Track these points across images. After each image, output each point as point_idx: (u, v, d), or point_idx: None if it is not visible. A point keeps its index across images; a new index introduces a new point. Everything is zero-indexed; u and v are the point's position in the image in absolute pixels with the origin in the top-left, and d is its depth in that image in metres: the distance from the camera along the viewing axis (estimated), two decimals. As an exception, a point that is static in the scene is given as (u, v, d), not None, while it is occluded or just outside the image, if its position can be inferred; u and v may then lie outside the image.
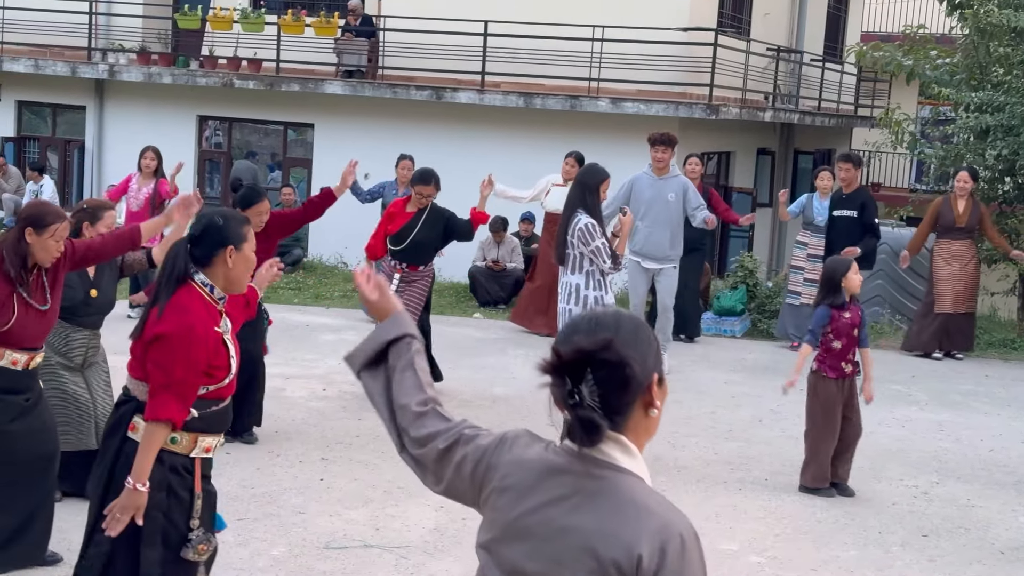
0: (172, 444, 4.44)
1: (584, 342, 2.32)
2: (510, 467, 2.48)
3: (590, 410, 2.30)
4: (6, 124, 20.97)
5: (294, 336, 12.19)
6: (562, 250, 8.46)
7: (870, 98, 24.74)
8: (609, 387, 2.32)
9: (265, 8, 19.65)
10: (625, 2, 17.30)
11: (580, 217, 8.32)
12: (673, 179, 11.20)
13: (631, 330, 2.40)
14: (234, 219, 4.61)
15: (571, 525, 2.34)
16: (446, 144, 17.79)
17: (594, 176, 8.47)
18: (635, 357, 2.34)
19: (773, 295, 14.02)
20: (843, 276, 7.70)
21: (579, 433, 2.32)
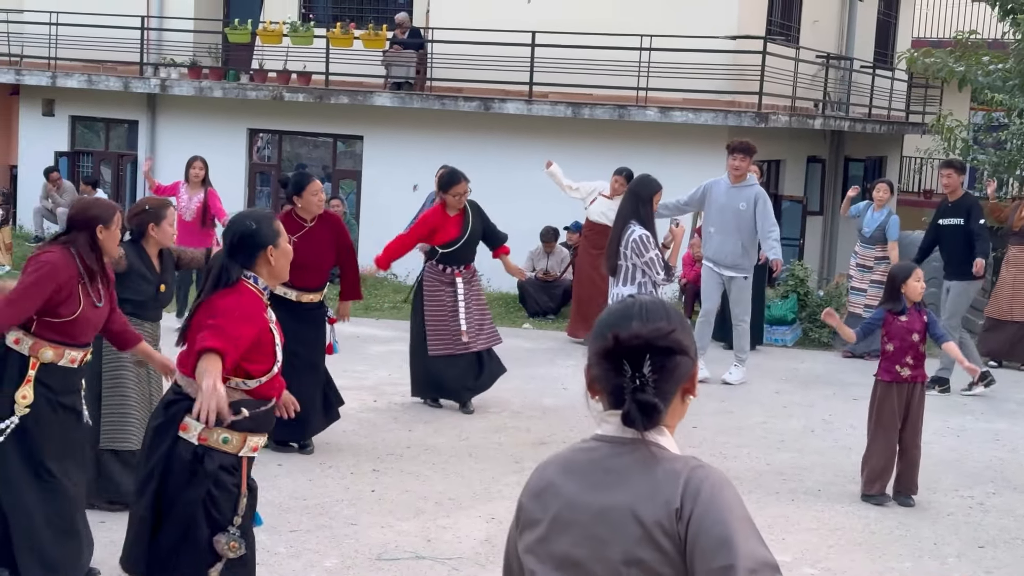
0: (224, 444, 4.55)
1: (645, 329, 2.40)
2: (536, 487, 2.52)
3: (651, 394, 2.37)
4: (60, 139, 21.23)
5: (344, 347, 12.20)
6: (614, 261, 8.40)
7: (921, 104, 24.50)
8: (664, 373, 2.40)
9: (314, 21, 19.77)
10: (673, 11, 17.26)
11: (634, 228, 8.28)
12: (748, 188, 11.14)
13: (680, 319, 2.49)
14: (264, 218, 4.74)
15: (609, 502, 2.39)
16: (494, 155, 17.82)
17: (647, 187, 8.43)
18: (690, 344, 2.45)
19: (824, 304, 13.91)
20: (903, 282, 7.68)
21: (638, 417, 2.38)
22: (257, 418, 4.62)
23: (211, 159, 13.51)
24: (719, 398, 10.60)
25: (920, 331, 7.74)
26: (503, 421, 9.56)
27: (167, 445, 4.57)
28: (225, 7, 21.32)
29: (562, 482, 2.47)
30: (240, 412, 4.57)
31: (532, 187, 17.26)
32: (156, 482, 4.58)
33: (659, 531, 2.33)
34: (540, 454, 8.55)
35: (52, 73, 20.44)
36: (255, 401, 4.62)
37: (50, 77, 20.42)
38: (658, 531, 2.33)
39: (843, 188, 21.86)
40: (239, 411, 4.57)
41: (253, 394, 4.62)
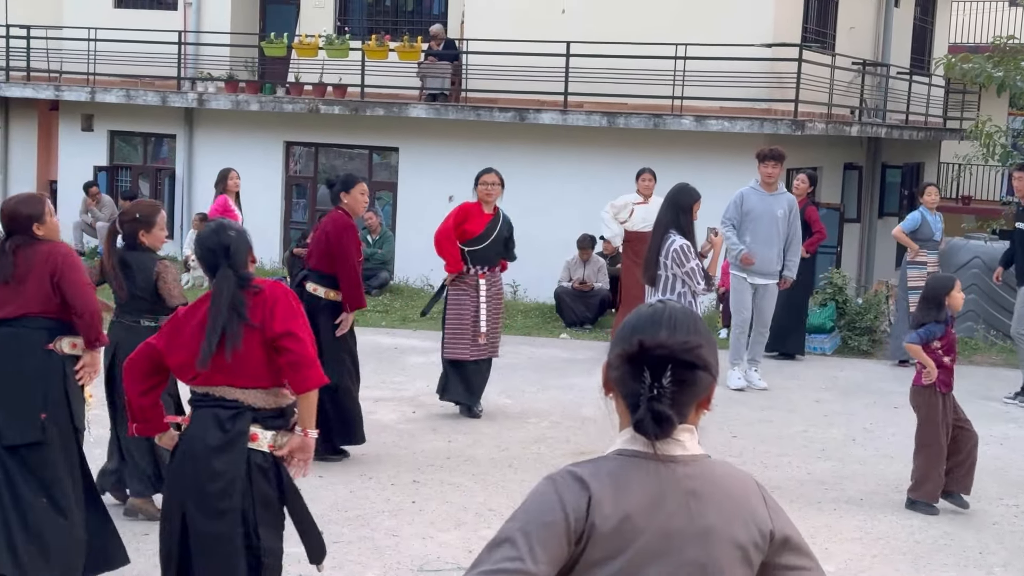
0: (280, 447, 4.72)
1: (671, 341, 2.39)
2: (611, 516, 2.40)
3: (667, 405, 2.36)
4: (99, 154, 21.41)
5: (383, 359, 12.27)
6: (653, 271, 8.32)
7: (959, 110, 24.36)
8: (685, 386, 2.39)
9: (349, 34, 19.87)
10: (708, 19, 17.23)
11: (674, 238, 8.21)
12: (782, 196, 11.19)
13: (707, 334, 2.48)
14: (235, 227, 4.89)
15: (702, 527, 2.39)
16: (529, 165, 17.83)
17: (688, 196, 8.36)
18: (714, 361, 2.43)
19: (863, 312, 13.83)
20: (947, 294, 7.66)
21: (651, 426, 2.36)
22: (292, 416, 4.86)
23: (248, 172, 13.62)
24: (759, 407, 10.55)
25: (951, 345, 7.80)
26: (542, 431, 9.55)
27: (242, 458, 4.64)
28: (261, 21, 21.46)
29: (641, 510, 2.39)
30: (294, 413, 4.75)
31: (567, 197, 17.28)
32: (239, 497, 4.63)
33: (754, 550, 2.41)
34: (580, 464, 8.53)
35: (91, 88, 20.63)
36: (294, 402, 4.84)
37: (89, 92, 20.61)
38: (752, 549, 2.41)
39: (881, 195, 21.78)
40: (292, 412, 4.75)
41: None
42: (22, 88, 21.36)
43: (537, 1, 18.26)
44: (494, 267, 9.84)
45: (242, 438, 4.62)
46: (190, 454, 4.67)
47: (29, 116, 22.66)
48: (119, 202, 19.28)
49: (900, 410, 10.55)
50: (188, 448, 4.69)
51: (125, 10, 21.53)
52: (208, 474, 4.62)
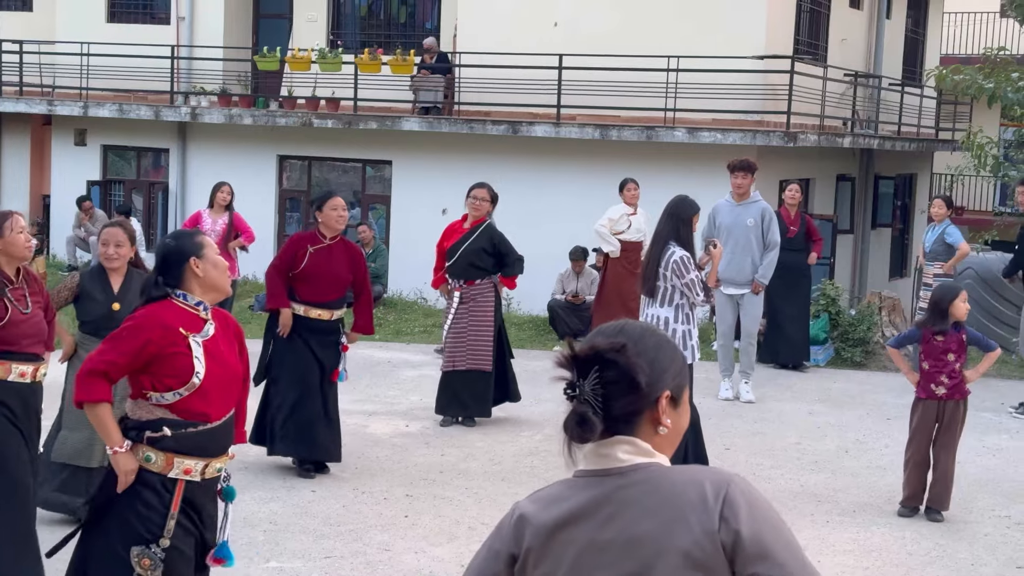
0: (147, 463, 4.54)
1: (600, 342, 2.37)
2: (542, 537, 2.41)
3: (587, 405, 2.32)
4: (92, 168, 21.41)
5: (376, 373, 12.27)
6: (652, 282, 8.27)
7: (951, 121, 24.41)
8: (613, 390, 2.34)
9: (342, 48, 19.89)
10: (700, 32, 17.26)
11: (675, 250, 8.16)
12: (753, 204, 11.23)
13: (652, 344, 2.42)
14: (185, 235, 4.84)
15: (633, 536, 2.31)
16: (523, 178, 17.85)
17: (687, 208, 8.32)
18: (644, 367, 2.35)
19: (856, 323, 13.85)
20: (951, 303, 7.70)
21: (572, 426, 2.33)
22: (182, 439, 4.54)
23: (241, 186, 13.61)
24: (752, 419, 10.56)
25: (956, 350, 7.78)
26: (535, 444, 9.55)
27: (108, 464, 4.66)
28: (254, 35, 21.49)
29: (574, 527, 2.37)
30: (161, 430, 4.54)
31: (560, 209, 17.29)
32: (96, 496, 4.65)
33: (702, 554, 2.26)
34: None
35: (84, 103, 20.63)
36: (180, 421, 4.55)
37: (82, 107, 20.61)
38: (701, 554, 2.26)
39: (873, 206, 21.82)
40: (160, 428, 4.54)
41: (177, 412, 4.56)
42: (15, 103, 21.35)
43: (530, 14, 18.30)
44: (471, 280, 9.93)
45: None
46: None
47: (22, 131, 22.65)
48: (113, 216, 19.29)
49: (893, 422, 10.57)
50: None
51: (118, 24, 21.53)
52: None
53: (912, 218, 24.04)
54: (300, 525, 7.32)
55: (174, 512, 4.53)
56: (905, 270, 23.42)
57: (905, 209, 24.01)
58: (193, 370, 4.55)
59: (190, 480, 4.57)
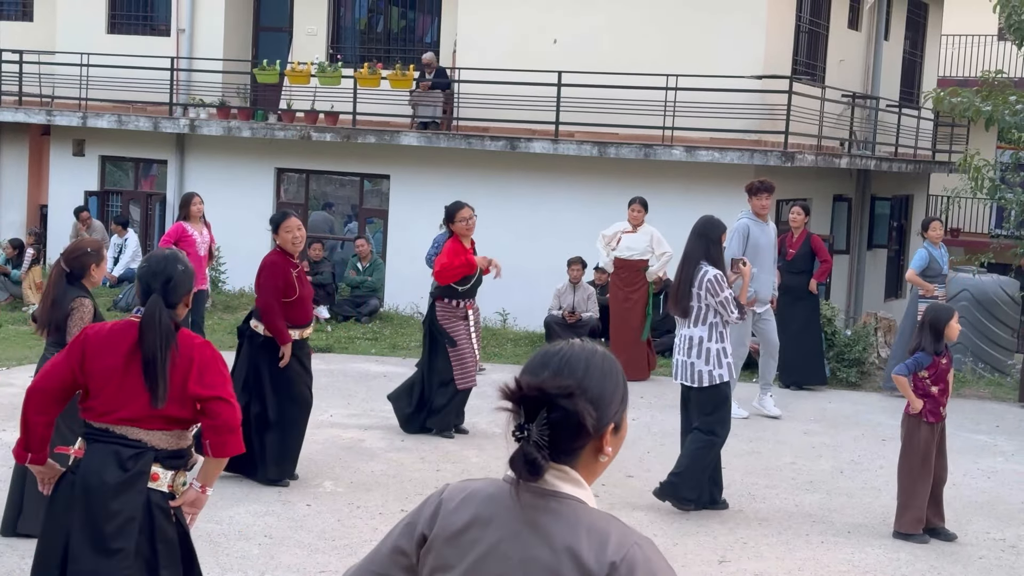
0: (183, 488, 4.68)
1: (548, 383, 2.35)
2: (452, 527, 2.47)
3: (536, 448, 2.33)
4: (90, 179, 21.42)
5: (372, 387, 12.26)
6: (686, 303, 8.21)
7: (948, 143, 24.48)
8: (561, 430, 2.35)
9: (342, 62, 19.94)
10: (699, 51, 17.32)
11: (707, 269, 8.14)
12: (768, 226, 11.47)
13: (598, 377, 2.42)
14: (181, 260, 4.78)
15: (528, 556, 2.35)
16: (520, 194, 17.88)
17: (716, 228, 8.34)
18: (591, 411, 2.35)
19: (852, 343, 13.86)
20: (946, 324, 7.72)
21: (521, 467, 2.34)
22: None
23: (239, 198, 13.61)
24: (747, 439, 10.56)
25: (950, 370, 7.84)
26: (530, 461, 9.53)
27: (142, 498, 4.56)
28: (254, 48, 21.53)
29: (481, 530, 2.42)
30: (193, 454, 4.71)
31: (558, 226, 17.32)
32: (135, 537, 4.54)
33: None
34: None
35: (83, 114, 20.65)
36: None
37: (80, 117, 20.63)
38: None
39: (870, 227, 21.86)
40: (192, 453, 4.70)
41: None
42: (14, 112, 21.37)
43: (529, 31, 18.35)
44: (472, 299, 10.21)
45: (143, 478, 4.55)
46: (83, 488, 4.56)
47: (20, 141, 22.67)
48: (111, 227, 19.29)
49: (888, 443, 10.57)
50: (82, 482, 4.56)
51: (118, 36, 21.57)
52: (104, 512, 4.52)
53: (908, 239, 24.08)
54: (295, 539, 7.31)
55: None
56: (900, 291, 23.46)
57: (901, 230, 24.07)
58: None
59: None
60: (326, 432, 9.96)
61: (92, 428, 4.61)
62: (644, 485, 8.79)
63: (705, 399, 8.21)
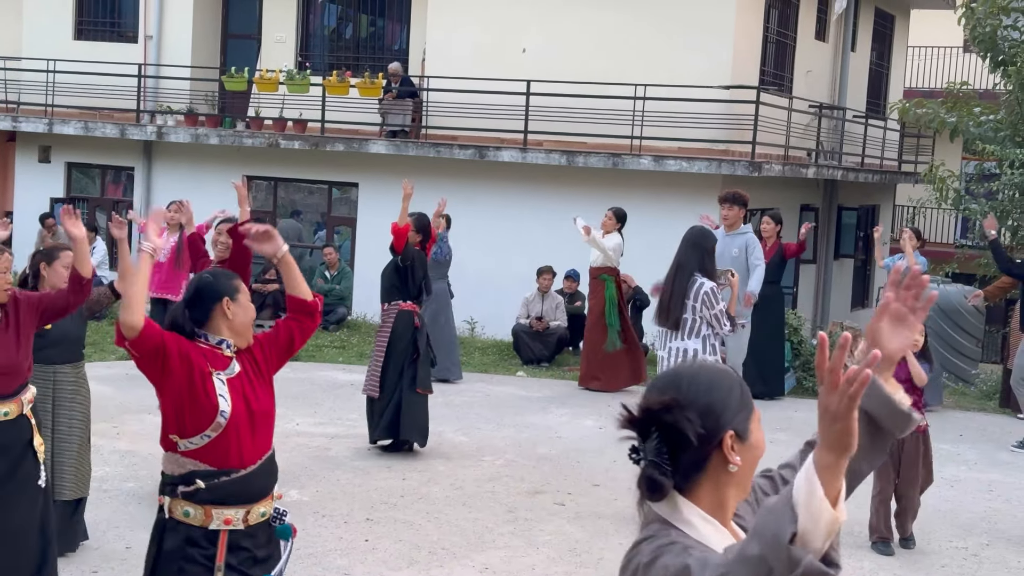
0: (186, 517, 4.39)
1: (652, 399, 2.37)
2: None
3: (652, 467, 2.34)
4: (56, 186, 21.28)
5: (339, 396, 12.23)
6: (678, 314, 8.05)
7: (914, 154, 24.65)
8: (675, 445, 2.35)
9: (310, 69, 19.89)
10: (667, 61, 17.39)
11: (702, 281, 8.03)
12: (740, 236, 11.36)
13: (705, 386, 2.41)
14: (223, 274, 4.72)
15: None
16: (489, 202, 17.89)
17: (709, 238, 8.23)
18: (695, 419, 2.35)
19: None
20: None
21: (644, 489, 2.36)
22: (215, 490, 4.40)
23: (207, 206, 13.54)
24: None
25: (907, 379, 7.79)
26: (497, 470, 9.54)
27: (157, 520, 4.52)
28: (222, 55, 21.45)
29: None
30: (194, 483, 4.39)
31: (526, 234, 17.34)
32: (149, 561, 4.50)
33: None
34: (534, 503, 8.55)
35: (49, 120, 20.52)
36: (212, 471, 4.41)
37: (47, 124, 20.50)
38: None
39: (836, 237, 21.98)
40: (193, 482, 4.39)
41: (207, 460, 4.41)
42: (-21, 118, 21.23)
43: (498, 40, 18.37)
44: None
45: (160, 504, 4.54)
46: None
47: (-14, 146, 22.51)
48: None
49: (853, 451, 10.63)
50: None
51: (85, 42, 21.45)
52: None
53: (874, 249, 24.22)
54: (259, 548, 7.28)
55: (220, 564, 4.38)
56: (867, 300, 23.60)
57: (868, 240, 24.20)
58: (218, 409, 4.40)
59: (233, 529, 4.42)
60: (292, 441, 9.92)
61: None
62: (610, 494, 8.81)
63: None
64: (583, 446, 10.39)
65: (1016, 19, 15.30)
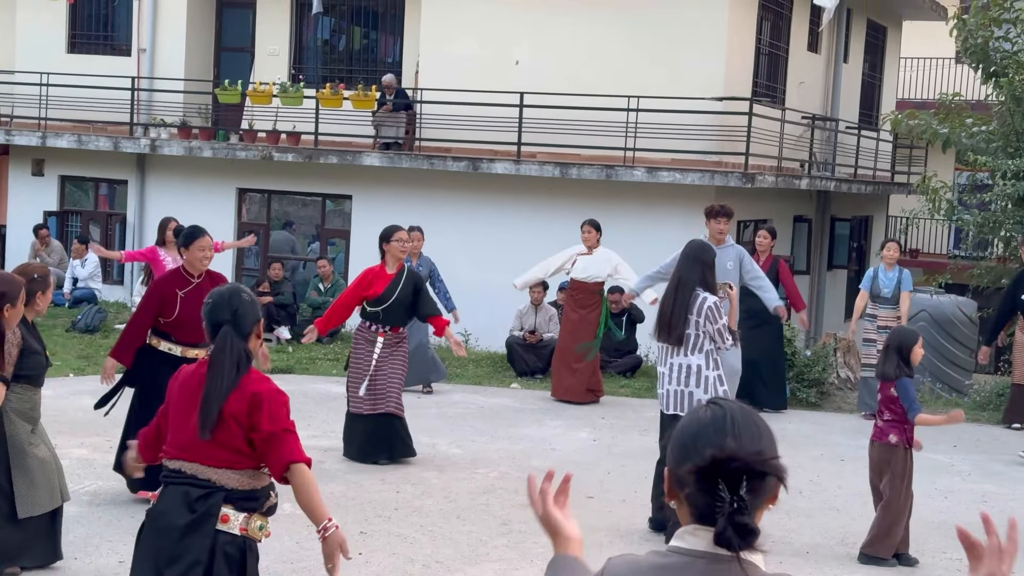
0: (259, 531, 4.59)
1: (744, 453, 2.34)
2: None
3: (748, 516, 2.31)
4: (49, 199, 21.27)
5: (332, 408, 12.21)
6: (681, 330, 7.90)
7: (906, 165, 24.73)
8: (757, 493, 2.34)
9: (304, 82, 19.92)
10: (660, 72, 17.43)
11: (705, 296, 7.90)
12: (729, 248, 11.28)
13: (770, 434, 2.41)
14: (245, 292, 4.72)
15: None
16: (483, 214, 17.91)
17: (709, 252, 8.12)
18: (782, 466, 2.36)
19: (811, 364, 13.94)
20: (911, 348, 7.75)
21: (735, 539, 2.31)
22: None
23: (200, 218, 13.50)
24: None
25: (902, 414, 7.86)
26: (491, 482, 9.53)
27: (207, 544, 4.46)
28: (215, 68, 21.48)
29: None
30: (271, 496, 4.63)
31: (520, 246, 17.34)
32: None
33: None
34: (529, 516, 8.52)
35: (42, 133, 20.53)
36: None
37: (40, 137, 20.51)
38: None
39: (830, 248, 22.01)
40: (270, 495, 4.63)
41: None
42: (-28, 131, 21.22)
43: (491, 52, 18.41)
44: (397, 327, 10.08)
45: (210, 520, 4.44)
46: (153, 530, 4.53)
47: (-21, 160, 22.50)
48: (72, 248, 19.14)
49: (847, 463, 10.65)
50: (151, 523, 4.55)
51: (78, 55, 21.48)
52: (170, 554, 4.45)
53: (867, 260, 24.27)
54: (253, 562, 7.26)
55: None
56: (860, 311, 23.61)
57: (861, 251, 24.26)
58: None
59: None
60: (286, 454, 9.89)
61: (167, 469, 4.57)
62: (604, 507, 8.80)
63: None
64: (578, 458, 10.38)
65: (1008, 30, 15.35)
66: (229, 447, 4.47)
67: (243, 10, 21.21)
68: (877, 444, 7.89)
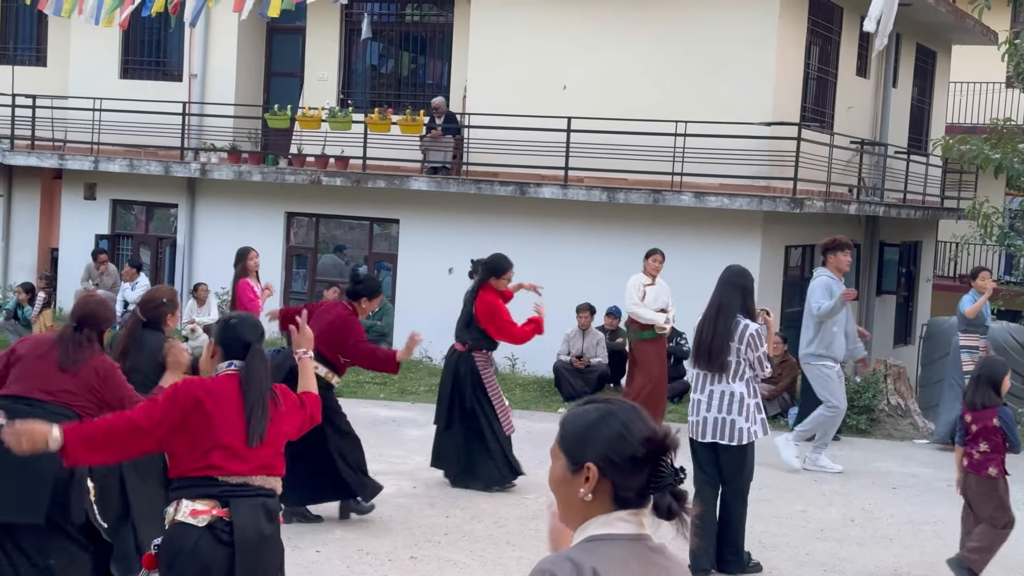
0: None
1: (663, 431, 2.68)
2: None
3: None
4: (101, 222, 21.50)
5: (381, 432, 12.25)
6: (723, 357, 7.83)
7: (956, 190, 24.52)
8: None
9: (352, 107, 20.04)
10: (708, 97, 17.40)
11: (747, 323, 7.84)
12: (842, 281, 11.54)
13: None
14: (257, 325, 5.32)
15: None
16: (529, 238, 17.91)
17: (749, 278, 8.06)
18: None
19: (862, 391, 13.82)
20: (1003, 378, 7.70)
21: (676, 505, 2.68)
22: None
23: (249, 242, 13.64)
24: (756, 486, 10.47)
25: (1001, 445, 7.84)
26: (541, 507, 9.51)
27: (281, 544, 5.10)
28: (265, 93, 21.66)
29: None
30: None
31: (567, 271, 17.34)
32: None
33: None
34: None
35: (94, 158, 20.76)
36: None
37: (92, 162, 20.74)
38: None
39: (879, 273, 21.84)
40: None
41: None
42: (26, 156, 21.49)
43: (538, 76, 18.45)
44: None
45: (278, 527, 4.88)
46: (242, 543, 4.66)
47: (32, 184, 22.78)
48: (124, 271, 19.30)
49: (899, 491, 10.54)
50: (241, 537, 4.66)
51: (130, 80, 21.72)
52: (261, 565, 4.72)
53: (917, 285, 24.08)
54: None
55: None
56: (910, 337, 23.42)
57: (910, 276, 24.05)
58: None
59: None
60: (335, 477, 9.92)
61: (228, 484, 4.70)
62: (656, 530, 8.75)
63: (741, 457, 7.93)
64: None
65: (1060, 55, 15.22)
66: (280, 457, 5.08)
67: (293, 36, 21.39)
68: (974, 477, 7.76)
